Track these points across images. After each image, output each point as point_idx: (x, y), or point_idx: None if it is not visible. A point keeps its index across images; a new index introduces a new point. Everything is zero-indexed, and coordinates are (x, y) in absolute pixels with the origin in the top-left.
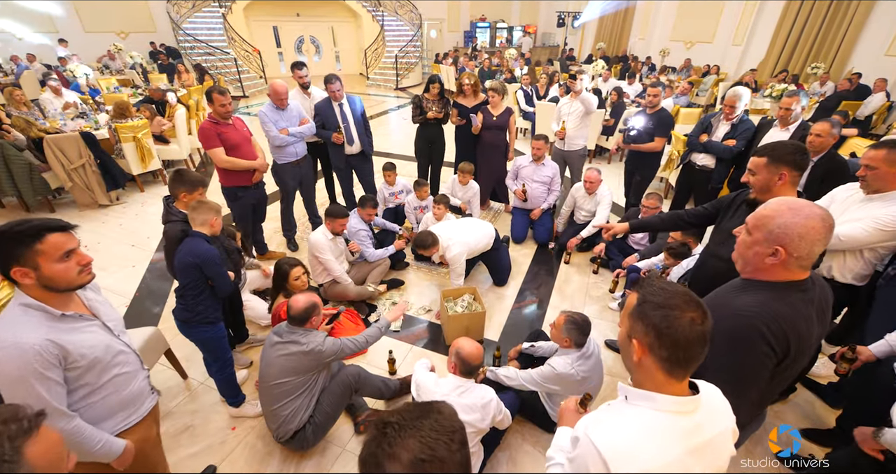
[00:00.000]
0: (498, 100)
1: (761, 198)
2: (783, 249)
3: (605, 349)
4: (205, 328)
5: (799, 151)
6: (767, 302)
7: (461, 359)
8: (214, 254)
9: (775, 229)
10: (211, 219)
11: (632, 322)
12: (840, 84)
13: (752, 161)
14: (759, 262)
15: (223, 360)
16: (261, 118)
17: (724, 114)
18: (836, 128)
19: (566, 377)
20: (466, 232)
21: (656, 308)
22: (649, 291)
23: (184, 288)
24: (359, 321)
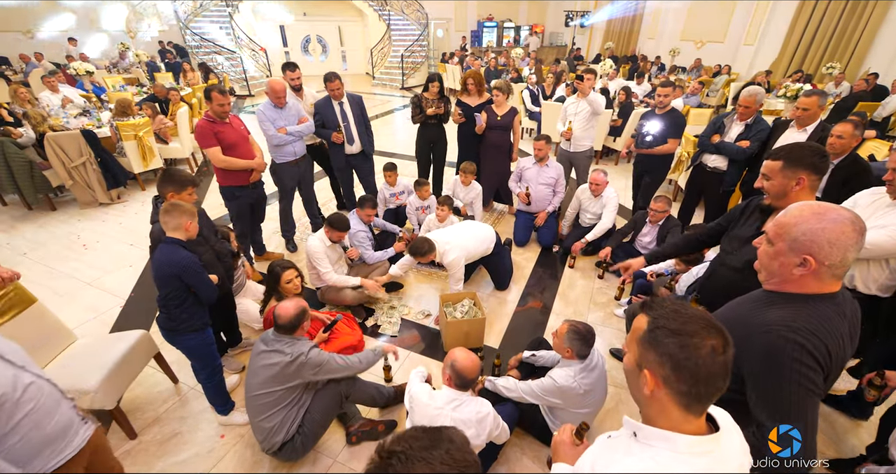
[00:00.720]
0: (502, 99)
1: (777, 204)
2: (812, 258)
3: (609, 358)
4: (191, 335)
5: (818, 154)
6: (801, 315)
7: (456, 372)
8: (193, 261)
9: (800, 237)
10: (185, 222)
11: (642, 350)
12: (856, 84)
13: (766, 165)
14: (787, 273)
15: (212, 367)
16: (258, 117)
17: (739, 114)
18: (859, 129)
19: (568, 390)
20: (465, 236)
21: (671, 335)
22: (661, 315)
23: (165, 297)
24: (355, 326)
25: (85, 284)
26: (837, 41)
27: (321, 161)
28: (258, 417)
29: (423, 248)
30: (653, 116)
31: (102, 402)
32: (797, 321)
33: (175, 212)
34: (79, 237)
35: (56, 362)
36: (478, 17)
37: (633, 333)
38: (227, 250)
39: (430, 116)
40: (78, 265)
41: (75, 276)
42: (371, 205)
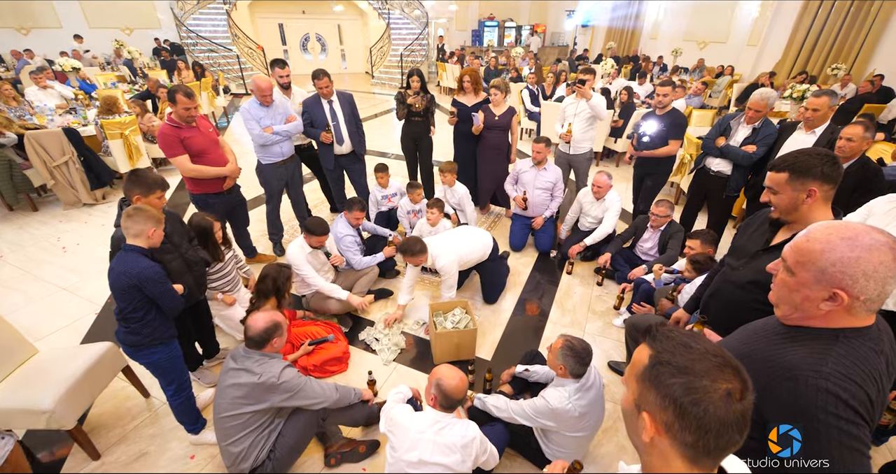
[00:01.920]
0: (500, 98)
1: (787, 218)
2: (844, 293)
3: (608, 372)
4: (155, 349)
5: (827, 161)
6: (832, 356)
7: (442, 392)
8: (154, 271)
9: (829, 268)
10: (148, 229)
11: (642, 388)
12: (861, 86)
13: (770, 177)
14: (812, 309)
15: (178, 383)
16: (243, 115)
17: (748, 117)
18: (870, 131)
19: (562, 412)
20: (460, 241)
21: (676, 373)
22: (667, 348)
23: (124, 311)
24: (340, 336)
25: (60, 289)
26: (842, 42)
27: (310, 162)
28: (225, 441)
29: (414, 247)
30: (652, 117)
31: (61, 422)
32: (828, 364)
33: (138, 218)
34: (59, 239)
35: (11, 378)
36: (479, 16)
37: (632, 367)
38: (200, 258)
39: (414, 113)
40: (55, 269)
41: (51, 281)
42: (359, 208)
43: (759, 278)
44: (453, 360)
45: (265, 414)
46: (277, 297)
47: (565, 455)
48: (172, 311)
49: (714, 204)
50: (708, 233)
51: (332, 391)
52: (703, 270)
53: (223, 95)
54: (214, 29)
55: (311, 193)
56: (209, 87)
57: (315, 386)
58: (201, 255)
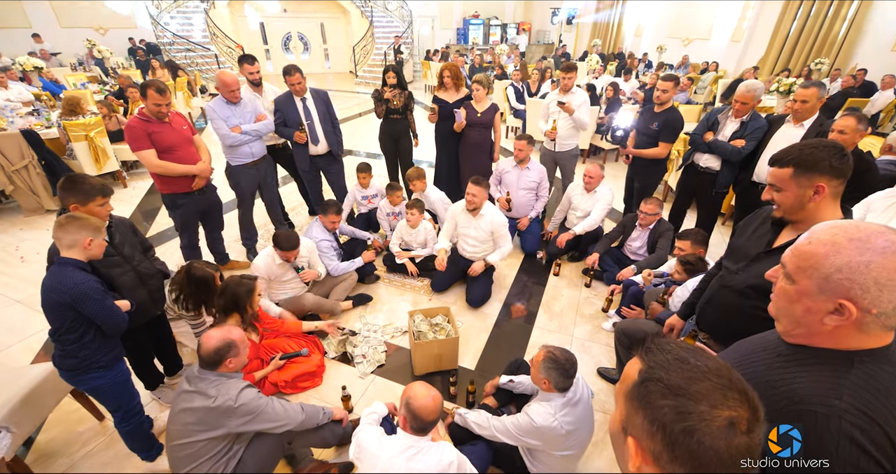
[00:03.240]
0: (482, 94)
1: (791, 217)
2: (852, 305)
3: (597, 379)
4: (96, 374)
5: (836, 153)
6: (846, 386)
7: (412, 413)
8: (89, 286)
9: (834, 274)
10: (83, 239)
11: (629, 409)
12: (844, 81)
13: (771, 174)
14: (815, 323)
15: (126, 409)
16: (208, 114)
17: (735, 110)
18: (862, 123)
19: (548, 431)
20: None
21: (668, 394)
22: (660, 362)
23: (57, 331)
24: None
25: (14, 302)
26: (824, 37)
27: (286, 163)
28: (178, 470)
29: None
30: (649, 113)
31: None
32: (842, 397)
33: (70, 227)
34: (17, 248)
35: None
36: (463, 14)
37: (622, 382)
38: (156, 270)
39: (392, 110)
40: (10, 280)
41: (4, 293)
42: (335, 211)
43: (760, 283)
44: (434, 371)
45: (222, 440)
46: (240, 313)
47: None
48: (114, 331)
49: (703, 201)
50: (698, 232)
51: (296, 412)
52: (695, 272)
53: (200, 95)
54: (192, 28)
55: (289, 195)
56: (184, 87)
57: (277, 407)
58: (158, 267)
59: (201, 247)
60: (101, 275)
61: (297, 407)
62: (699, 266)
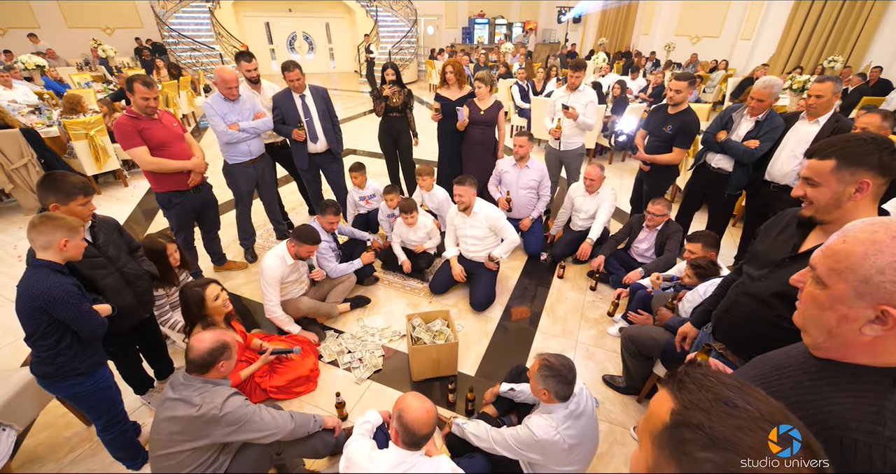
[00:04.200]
0: (485, 91)
1: (822, 218)
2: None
3: (602, 387)
4: (74, 381)
5: (886, 147)
6: (890, 409)
7: (404, 427)
8: (64, 290)
9: (875, 276)
10: (58, 240)
11: (658, 455)
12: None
13: (809, 166)
14: (852, 335)
15: (109, 417)
16: (206, 111)
17: (751, 108)
18: (888, 120)
19: (549, 445)
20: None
21: (711, 445)
22: (698, 402)
23: (32, 337)
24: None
25: (8, 301)
26: (837, 34)
27: (286, 161)
28: None
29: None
30: (661, 113)
31: None
32: (885, 421)
33: (44, 227)
34: (15, 247)
35: None
36: (469, 13)
37: (647, 420)
38: (143, 271)
39: (391, 108)
40: (6, 279)
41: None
42: (334, 212)
43: (786, 290)
44: (433, 377)
45: (207, 450)
46: (199, 322)
47: None
48: (92, 336)
49: (715, 203)
50: (709, 235)
51: (286, 420)
52: (706, 276)
53: (204, 95)
54: (197, 28)
55: (289, 194)
56: (188, 86)
57: (265, 415)
58: (146, 268)
59: (197, 246)
60: (83, 276)
61: (287, 415)
62: (711, 270)
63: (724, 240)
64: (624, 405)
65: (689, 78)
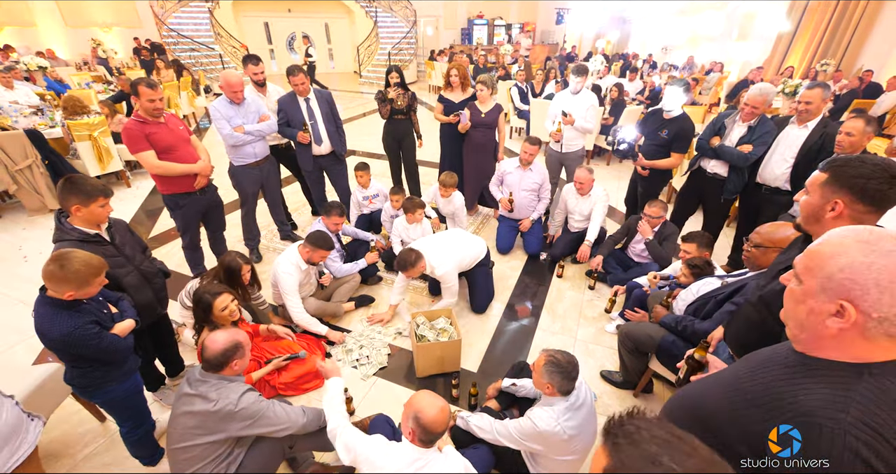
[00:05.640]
0: (487, 94)
1: (807, 229)
2: (852, 306)
3: (600, 382)
4: (111, 388)
5: (879, 177)
6: (855, 399)
7: (421, 427)
8: (80, 333)
9: (836, 274)
10: (66, 292)
11: None
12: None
13: (812, 176)
14: (818, 326)
15: (138, 420)
16: (212, 114)
17: (744, 114)
18: (871, 125)
19: (550, 435)
20: (456, 246)
21: None
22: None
23: (67, 362)
24: (316, 349)
25: (16, 301)
26: (830, 37)
27: (289, 163)
28: None
29: (409, 258)
30: (660, 120)
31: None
32: (849, 411)
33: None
34: (20, 248)
35: None
36: (468, 14)
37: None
38: (157, 269)
39: (396, 111)
40: (12, 279)
41: (7, 293)
42: (339, 213)
43: (771, 294)
44: (437, 373)
45: (222, 444)
46: (209, 328)
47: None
48: (118, 358)
49: (710, 207)
50: (704, 235)
51: (298, 415)
52: (701, 275)
53: (205, 95)
54: (196, 28)
55: (292, 195)
56: (189, 87)
57: (279, 410)
58: (158, 266)
59: (203, 247)
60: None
61: (299, 410)
62: (706, 269)
63: (718, 241)
64: (621, 399)
65: (684, 82)
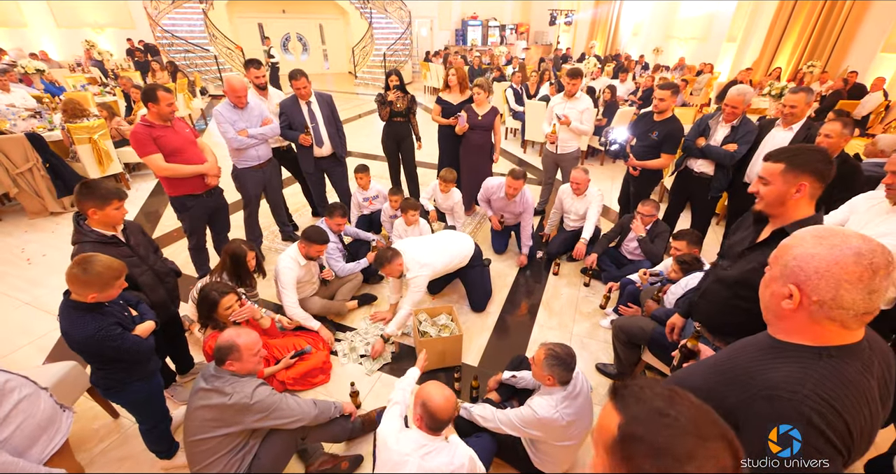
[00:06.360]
0: (483, 97)
1: (770, 211)
2: (797, 289)
3: (595, 374)
4: (135, 388)
5: (824, 159)
6: (812, 376)
7: (429, 414)
8: (104, 334)
9: (790, 261)
10: (89, 294)
11: (611, 462)
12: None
13: (765, 168)
14: (777, 307)
15: (159, 418)
16: (216, 118)
17: (725, 114)
18: (848, 128)
19: (549, 422)
20: (438, 250)
21: (653, 454)
22: (638, 415)
23: (93, 365)
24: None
25: (23, 304)
26: (817, 39)
27: (289, 165)
28: (196, 466)
29: (385, 255)
30: (647, 121)
31: None
32: (806, 385)
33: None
34: (23, 250)
35: None
36: (462, 15)
37: (599, 431)
38: (169, 269)
39: (395, 113)
40: (18, 282)
41: (13, 295)
42: (341, 214)
43: (745, 277)
44: (439, 368)
45: (238, 436)
46: (211, 324)
47: (554, 464)
48: (143, 359)
49: (698, 205)
50: (693, 233)
51: (310, 407)
52: (690, 271)
53: (200, 97)
54: (191, 29)
55: (292, 197)
56: (185, 89)
57: (291, 403)
58: (170, 266)
59: (208, 248)
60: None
61: (310, 402)
62: (695, 265)
63: (708, 238)
64: None
65: (673, 87)
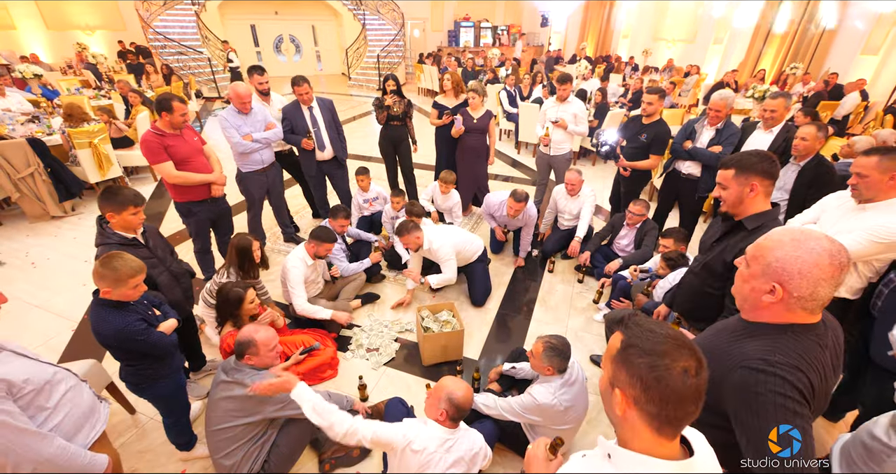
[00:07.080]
0: (478, 101)
1: (734, 211)
2: (781, 287)
3: (589, 365)
4: (161, 384)
5: (766, 159)
6: (780, 348)
7: (455, 406)
8: (131, 330)
9: (773, 262)
10: (106, 289)
11: (615, 368)
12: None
13: (720, 174)
14: (757, 300)
15: (181, 411)
16: (221, 124)
17: (710, 118)
18: (822, 131)
19: (548, 408)
20: (454, 234)
21: (642, 354)
22: (635, 333)
23: (122, 362)
24: (328, 341)
25: (32, 307)
26: (800, 41)
27: (291, 168)
28: (218, 454)
29: (408, 225)
30: (636, 124)
31: None
32: (775, 354)
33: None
34: (27, 254)
35: None
36: (454, 17)
37: (608, 351)
38: (184, 270)
39: (392, 117)
40: (25, 286)
41: (21, 298)
42: (344, 216)
43: (708, 263)
44: (441, 361)
45: (258, 425)
46: (231, 321)
47: None
48: (166, 354)
49: (686, 204)
50: (679, 231)
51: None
52: (676, 267)
53: (195, 99)
54: (183, 31)
55: (292, 199)
56: (180, 92)
57: None
58: (185, 267)
59: (213, 251)
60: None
61: (325, 394)
62: (680, 262)
63: (694, 236)
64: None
65: (659, 91)
